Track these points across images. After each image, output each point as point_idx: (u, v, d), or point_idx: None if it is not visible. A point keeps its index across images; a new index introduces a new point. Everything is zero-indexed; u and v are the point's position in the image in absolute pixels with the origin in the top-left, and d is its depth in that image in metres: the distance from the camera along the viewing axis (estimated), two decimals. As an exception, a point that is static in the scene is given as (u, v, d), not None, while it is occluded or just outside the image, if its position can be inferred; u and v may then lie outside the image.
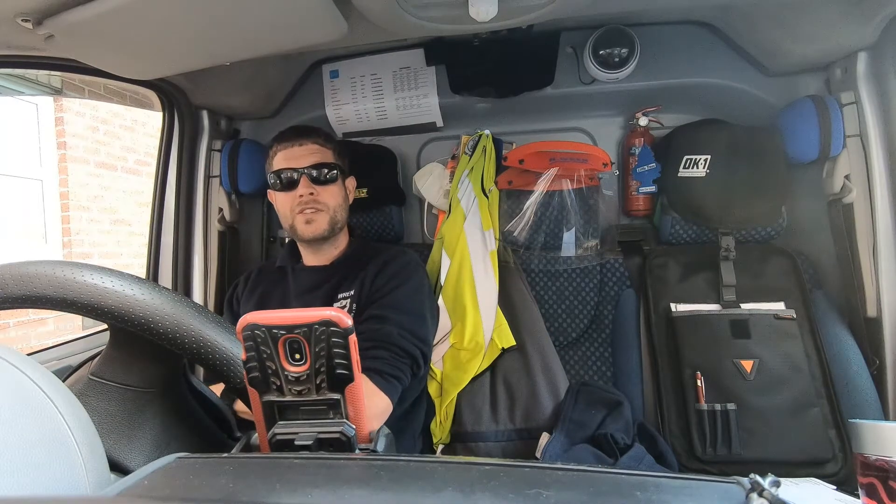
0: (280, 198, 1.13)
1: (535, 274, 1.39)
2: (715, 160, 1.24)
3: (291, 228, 1.13)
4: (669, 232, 1.33)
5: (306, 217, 1.10)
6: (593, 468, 0.33)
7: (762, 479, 0.30)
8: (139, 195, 4.19)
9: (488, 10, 0.79)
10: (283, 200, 1.12)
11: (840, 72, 1.14)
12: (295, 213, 1.10)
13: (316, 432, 0.40)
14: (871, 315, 1.12)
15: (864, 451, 0.48)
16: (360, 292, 1.08)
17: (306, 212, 1.09)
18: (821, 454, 1.08)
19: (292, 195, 1.10)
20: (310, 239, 1.12)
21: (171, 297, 0.46)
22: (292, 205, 1.10)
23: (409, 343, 1.00)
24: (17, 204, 3.49)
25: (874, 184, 1.09)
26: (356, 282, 1.10)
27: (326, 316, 0.38)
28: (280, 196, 1.13)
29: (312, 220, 1.10)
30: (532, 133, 1.47)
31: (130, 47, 0.87)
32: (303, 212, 1.09)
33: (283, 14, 0.78)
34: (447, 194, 1.42)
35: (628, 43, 1.23)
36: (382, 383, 0.94)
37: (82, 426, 0.36)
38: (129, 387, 0.49)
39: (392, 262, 1.12)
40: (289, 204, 1.11)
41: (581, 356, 1.33)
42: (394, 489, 0.31)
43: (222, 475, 0.33)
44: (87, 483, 0.34)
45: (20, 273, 0.44)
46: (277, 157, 1.13)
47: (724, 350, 1.15)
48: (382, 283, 1.07)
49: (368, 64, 1.40)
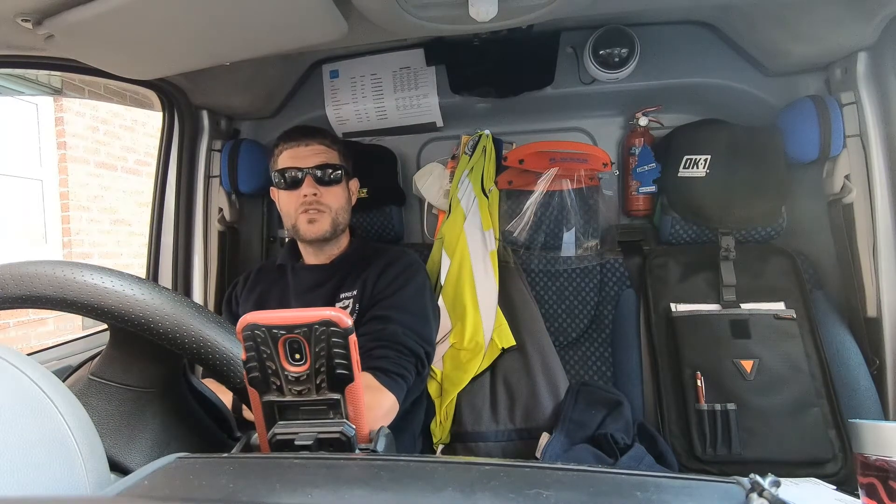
0: (283, 196, 1.13)
1: (535, 274, 1.39)
2: (715, 160, 1.24)
3: (294, 228, 1.13)
4: (669, 232, 1.33)
5: (309, 217, 1.10)
6: (593, 468, 0.33)
7: (762, 479, 0.30)
8: (139, 195, 4.19)
9: (488, 10, 0.79)
10: (286, 199, 1.13)
11: (840, 72, 1.14)
12: (298, 213, 1.11)
13: (316, 432, 0.40)
14: (871, 315, 1.12)
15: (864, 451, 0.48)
16: (363, 293, 1.08)
17: (309, 212, 1.10)
18: (821, 454, 1.08)
19: (296, 194, 1.10)
20: (311, 239, 1.12)
21: (171, 297, 0.46)
22: (296, 204, 1.10)
23: (414, 342, 1.00)
24: (17, 204, 3.49)
25: (874, 184, 1.09)
26: (358, 282, 1.10)
27: (326, 316, 0.38)
28: (283, 195, 1.13)
29: (315, 220, 1.10)
30: (532, 133, 1.47)
31: (130, 47, 0.87)
32: (306, 212, 1.10)
33: (283, 14, 0.78)
34: (447, 194, 1.42)
35: (628, 43, 1.23)
36: (388, 382, 0.94)
37: (82, 426, 0.36)
38: (129, 387, 0.49)
39: (395, 263, 1.12)
40: (292, 203, 1.11)
41: (581, 356, 1.33)
42: (394, 489, 0.31)
43: (222, 475, 0.33)
44: (87, 483, 0.34)
45: (20, 273, 0.44)
46: (283, 155, 1.13)
47: (724, 350, 1.15)
48: (386, 284, 1.08)
49: (368, 64, 1.40)
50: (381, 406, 0.92)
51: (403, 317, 1.02)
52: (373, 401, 0.90)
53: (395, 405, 0.95)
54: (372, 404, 0.89)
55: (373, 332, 0.99)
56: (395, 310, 1.03)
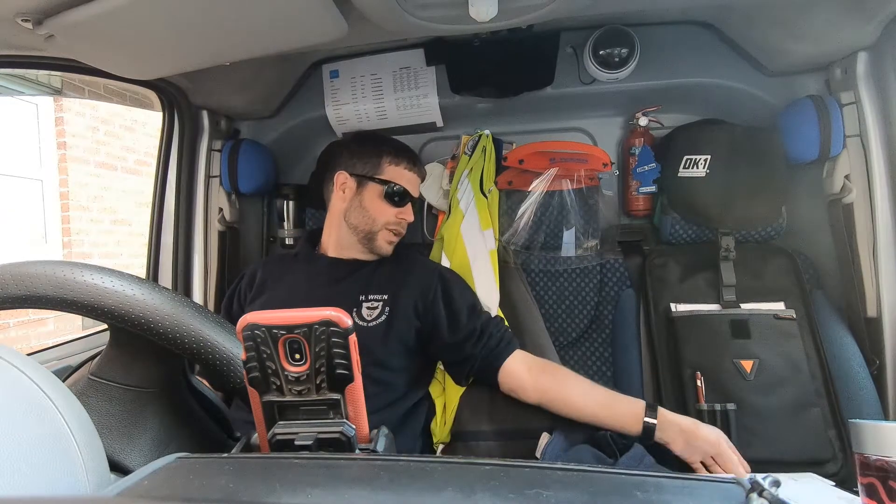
0: (379, 205, 1.16)
1: (535, 274, 1.39)
2: (715, 160, 1.24)
3: (369, 233, 1.16)
4: (669, 232, 1.33)
5: (390, 238, 1.18)
6: (593, 468, 0.33)
7: (762, 479, 0.30)
8: (139, 195, 4.19)
9: (488, 10, 0.79)
10: (382, 209, 1.16)
11: (840, 72, 1.14)
12: (385, 227, 1.16)
13: (316, 432, 0.40)
14: (871, 315, 1.12)
15: (864, 451, 0.48)
16: (395, 301, 1.10)
17: (394, 232, 1.18)
18: (821, 454, 1.08)
19: (394, 212, 1.17)
20: (379, 254, 1.18)
21: (171, 297, 0.46)
22: (389, 219, 1.16)
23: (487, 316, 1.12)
24: (17, 204, 3.49)
25: (874, 184, 1.09)
26: (389, 287, 1.12)
27: (326, 316, 0.38)
28: (380, 204, 1.16)
29: (393, 242, 1.19)
30: (532, 133, 1.47)
31: (130, 47, 0.87)
32: (392, 231, 1.17)
33: (283, 14, 0.78)
34: (447, 195, 1.42)
35: (628, 43, 1.23)
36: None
37: (82, 426, 0.36)
38: (129, 387, 0.49)
39: (443, 273, 1.17)
40: (386, 216, 1.16)
41: (581, 356, 1.33)
42: (394, 489, 0.31)
43: (222, 475, 0.33)
44: (87, 483, 0.34)
45: (20, 273, 0.44)
46: (400, 170, 1.18)
47: (723, 350, 1.15)
48: (443, 295, 1.11)
49: (368, 64, 1.40)
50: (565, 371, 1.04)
51: (477, 314, 1.10)
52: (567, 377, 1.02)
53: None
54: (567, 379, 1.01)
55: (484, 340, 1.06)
56: (475, 304, 1.12)
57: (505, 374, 1.05)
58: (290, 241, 1.53)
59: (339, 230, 1.19)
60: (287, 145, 1.52)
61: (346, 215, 1.18)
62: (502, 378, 1.06)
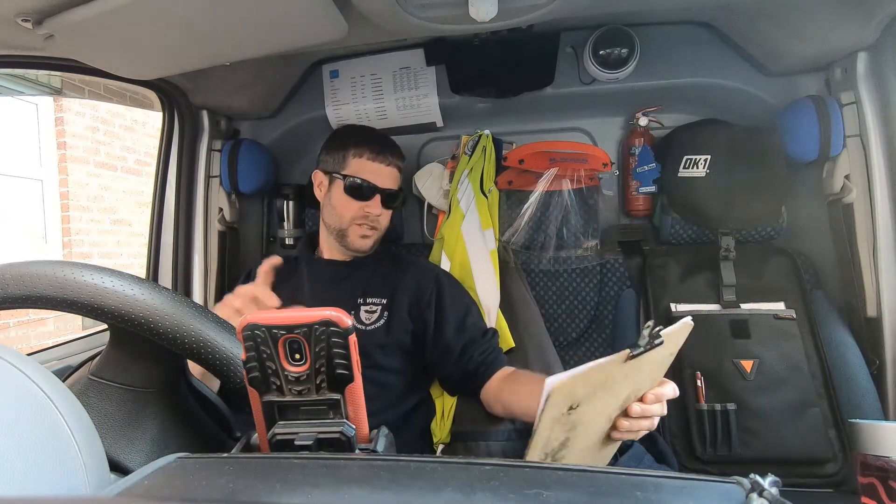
0: (344, 200, 1.12)
1: (535, 274, 1.39)
2: (715, 160, 1.24)
3: (341, 231, 1.13)
4: (669, 232, 1.33)
5: (363, 232, 1.13)
6: (593, 468, 0.33)
7: (762, 479, 0.30)
8: (139, 195, 4.19)
9: (488, 10, 0.79)
10: (346, 204, 1.12)
11: (840, 72, 1.14)
12: (353, 223, 1.12)
13: (316, 432, 0.40)
14: (871, 315, 1.12)
15: (864, 451, 0.48)
16: (393, 304, 1.10)
17: (364, 227, 1.12)
18: (821, 454, 1.08)
19: (359, 206, 1.12)
20: (355, 251, 1.15)
21: (171, 297, 0.46)
22: (354, 214, 1.12)
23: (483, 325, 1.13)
24: (17, 204, 3.49)
25: (874, 184, 1.09)
26: (387, 290, 1.12)
27: (326, 316, 0.38)
28: (345, 199, 1.12)
29: (368, 236, 1.13)
30: (532, 133, 1.47)
31: (130, 47, 0.87)
32: (361, 226, 1.12)
33: (283, 14, 0.78)
34: (447, 194, 1.42)
35: (628, 43, 1.23)
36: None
37: (82, 426, 0.36)
38: (129, 387, 0.49)
39: (440, 277, 1.16)
40: (351, 211, 1.12)
41: (581, 356, 1.33)
42: (394, 489, 0.31)
43: (222, 475, 0.33)
44: (87, 483, 0.34)
45: (20, 273, 0.44)
46: (362, 161, 1.12)
47: (723, 350, 1.15)
48: (435, 301, 1.11)
49: (368, 64, 1.40)
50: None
51: (470, 318, 1.10)
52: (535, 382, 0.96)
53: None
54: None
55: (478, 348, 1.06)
56: (465, 317, 1.10)
57: (483, 394, 1.07)
58: (290, 241, 1.53)
59: (324, 230, 1.19)
60: (287, 145, 1.52)
61: (323, 214, 1.18)
62: (482, 397, 1.08)
